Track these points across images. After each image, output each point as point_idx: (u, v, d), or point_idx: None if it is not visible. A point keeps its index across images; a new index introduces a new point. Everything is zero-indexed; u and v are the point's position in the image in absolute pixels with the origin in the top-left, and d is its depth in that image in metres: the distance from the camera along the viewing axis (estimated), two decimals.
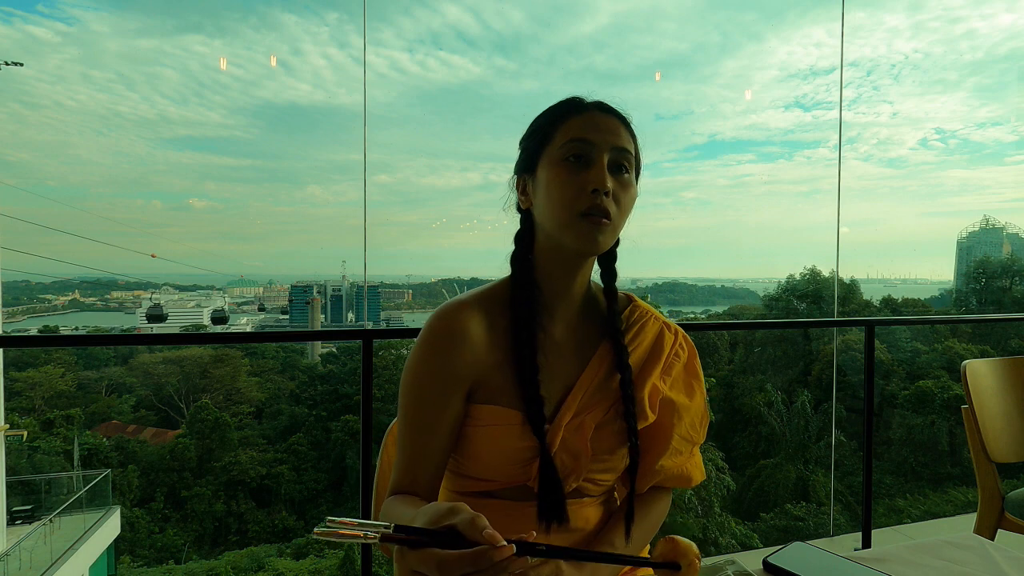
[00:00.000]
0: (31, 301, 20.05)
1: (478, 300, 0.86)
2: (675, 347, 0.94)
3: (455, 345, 0.81)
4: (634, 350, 0.90)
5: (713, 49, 34.54)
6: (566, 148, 0.81)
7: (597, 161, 0.80)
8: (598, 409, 0.85)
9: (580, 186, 0.80)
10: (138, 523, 12.41)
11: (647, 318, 0.94)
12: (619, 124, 0.85)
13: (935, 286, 23.28)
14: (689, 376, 0.96)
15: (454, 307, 0.84)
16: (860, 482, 2.54)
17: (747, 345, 15.80)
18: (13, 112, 27.98)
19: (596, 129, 0.82)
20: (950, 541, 0.87)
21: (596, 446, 0.83)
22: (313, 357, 17.74)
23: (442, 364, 0.81)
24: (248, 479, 13.81)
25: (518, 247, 0.89)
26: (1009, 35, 25.31)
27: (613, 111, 0.86)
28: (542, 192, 0.83)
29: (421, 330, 0.85)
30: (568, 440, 0.82)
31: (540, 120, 0.88)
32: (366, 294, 22.93)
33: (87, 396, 15.09)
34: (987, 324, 14.66)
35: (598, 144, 0.81)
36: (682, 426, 0.92)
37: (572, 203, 0.80)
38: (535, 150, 0.86)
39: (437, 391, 0.80)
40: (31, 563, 8.52)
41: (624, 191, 0.83)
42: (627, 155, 0.83)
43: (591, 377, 0.86)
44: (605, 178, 0.79)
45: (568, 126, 0.83)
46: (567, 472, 0.82)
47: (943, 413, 13.50)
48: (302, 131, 35.19)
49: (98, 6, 28.50)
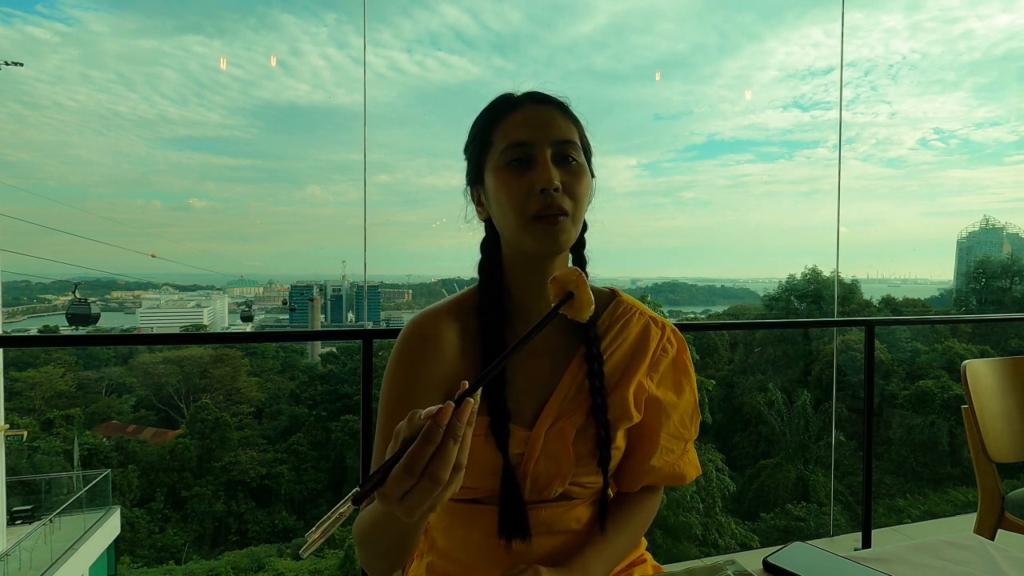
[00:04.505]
0: (31, 301, 20.04)
1: (450, 307, 0.85)
2: (662, 342, 0.91)
3: (427, 353, 0.80)
4: (617, 348, 0.88)
5: (712, 49, 34.62)
6: (506, 154, 0.79)
7: (539, 159, 0.78)
8: (578, 414, 0.82)
9: (527, 188, 0.77)
10: (138, 523, 12.41)
11: (631, 313, 0.91)
12: (555, 113, 0.81)
13: (935, 286, 23.32)
14: (678, 372, 0.92)
15: (427, 315, 0.84)
16: (860, 482, 2.54)
17: (747, 345, 15.80)
18: (13, 112, 28.02)
19: (531, 125, 0.79)
20: (950, 541, 0.87)
21: (578, 450, 0.81)
22: (313, 357, 17.74)
23: (414, 372, 0.80)
24: (248, 479, 13.81)
25: (484, 255, 0.88)
26: (1007, 35, 25.36)
27: (547, 99, 0.83)
28: (493, 201, 0.82)
29: (396, 341, 0.84)
30: (550, 446, 0.80)
31: (476, 126, 0.85)
32: (366, 294, 22.93)
33: (87, 396, 15.08)
34: (987, 324, 14.66)
35: (536, 142, 0.78)
36: (670, 424, 0.90)
37: (522, 207, 0.78)
38: (478, 159, 0.84)
39: (409, 399, 0.78)
40: (31, 563, 8.52)
41: (576, 180, 0.79)
42: (570, 145, 0.80)
43: (570, 382, 0.83)
44: (551, 175, 0.77)
45: (504, 128, 0.80)
46: (551, 478, 0.81)
47: (943, 413, 13.50)
48: (302, 131, 35.28)
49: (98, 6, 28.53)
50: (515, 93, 0.85)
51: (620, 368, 0.87)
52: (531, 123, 0.79)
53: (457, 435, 0.50)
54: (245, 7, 30.87)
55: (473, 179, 0.87)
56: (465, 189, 0.90)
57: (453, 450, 0.50)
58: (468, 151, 0.87)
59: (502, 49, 38.71)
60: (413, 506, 0.51)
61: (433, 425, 0.49)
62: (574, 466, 0.81)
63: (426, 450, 0.49)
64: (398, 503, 0.51)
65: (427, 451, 0.49)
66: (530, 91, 0.84)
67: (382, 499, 0.51)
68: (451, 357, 0.81)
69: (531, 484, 0.80)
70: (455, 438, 0.50)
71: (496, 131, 0.81)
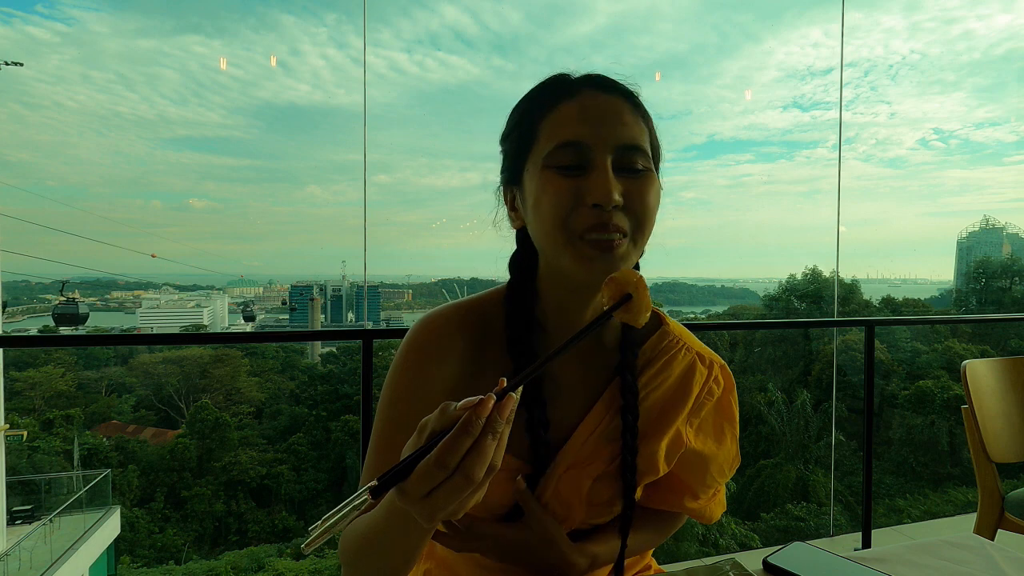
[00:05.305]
0: (31, 301, 20.03)
1: (464, 313, 0.73)
2: (708, 384, 0.78)
3: (434, 359, 0.70)
4: (655, 388, 0.75)
5: (711, 49, 34.60)
6: (555, 155, 0.64)
7: (597, 165, 0.63)
8: (600, 460, 0.72)
9: (577, 197, 0.63)
10: (138, 523, 12.41)
11: (677, 348, 0.77)
12: (622, 105, 0.66)
13: (935, 286, 23.32)
14: (721, 417, 0.81)
15: (436, 318, 0.73)
16: (860, 482, 2.54)
17: (747, 345, 15.79)
18: (13, 112, 28.01)
19: (590, 120, 0.64)
20: (950, 541, 0.87)
21: (594, 497, 0.72)
22: (313, 357, 17.73)
23: (420, 379, 0.70)
24: (248, 479, 13.80)
25: (515, 273, 0.74)
26: (1006, 35, 25.37)
27: (611, 85, 0.68)
28: (531, 208, 0.66)
29: (402, 341, 0.73)
30: (562, 492, 0.71)
31: (519, 112, 0.70)
32: (366, 294, 22.93)
33: (87, 396, 15.08)
34: (987, 324, 14.64)
35: (595, 144, 0.63)
36: (707, 476, 0.80)
37: (567, 220, 0.63)
38: (517, 154, 0.69)
39: (413, 409, 0.68)
40: (31, 563, 8.51)
41: (642, 193, 0.64)
42: (637, 152, 0.65)
43: (595, 422, 0.72)
44: (610, 187, 0.62)
45: (554, 121, 0.65)
46: (558, 520, 0.72)
47: (943, 413, 13.50)
48: (301, 131, 35.26)
49: (97, 6, 28.52)
50: (572, 74, 0.69)
51: (655, 412, 0.75)
52: (590, 117, 0.64)
53: (496, 430, 0.46)
54: (245, 7, 30.88)
55: (509, 178, 0.71)
56: (497, 188, 0.75)
57: (491, 447, 0.46)
58: (505, 143, 0.72)
59: (502, 49, 38.72)
60: (437, 506, 0.46)
61: (472, 416, 0.45)
62: (585, 515, 0.73)
63: (463, 443, 0.45)
64: (420, 501, 0.46)
65: (463, 444, 0.45)
66: (590, 73, 0.69)
67: (402, 496, 0.47)
68: (461, 366, 0.71)
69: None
70: (494, 434, 0.46)
71: (544, 122, 0.66)
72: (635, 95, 0.69)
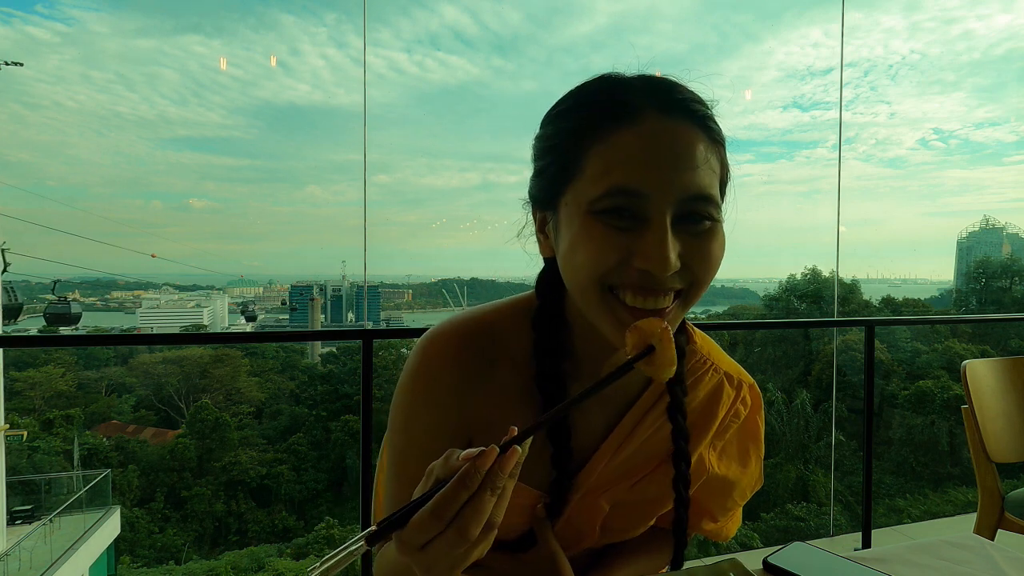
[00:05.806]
0: (31, 301, 20.04)
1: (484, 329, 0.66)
2: (735, 406, 0.73)
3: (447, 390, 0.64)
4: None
5: (711, 49, 34.60)
6: (601, 202, 0.52)
7: (655, 222, 0.51)
8: (619, 487, 0.68)
9: (623, 257, 0.52)
10: (138, 523, 12.42)
11: (705, 368, 0.73)
12: (695, 136, 0.53)
13: (935, 286, 23.33)
14: (745, 439, 0.77)
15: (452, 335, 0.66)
16: (860, 482, 2.53)
17: (747, 345, 15.79)
18: (13, 112, 28.02)
19: (653, 163, 0.51)
20: (950, 541, 0.87)
21: (610, 523, 0.69)
22: (313, 357, 17.74)
23: (431, 411, 0.65)
24: (248, 479, 13.81)
25: (542, 300, 0.66)
26: (1006, 35, 25.38)
27: (684, 107, 0.54)
28: (565, 246, 0.56)
29: (408, 359, 0.67)
30: (574, 519, 0.68)
31: (561, 129, 0.57)
32: (366, 294, 22.93)
33: (87, 396, 15.09)
34: (987, 324, 14.65)
35: (656, 194, 0.51)
36: (728, 500, 0.77)
37: (605, 275, 0.53)
38: (555, 180, 0.57)
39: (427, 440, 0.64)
40: (31, 563, 8.52)
41: (703, 250, 0.54)
42: (706, 202, 0.53)
43: (616, 444, 0.68)
44: (667, 252, 0.51)
45: (606, 155, 0.52)
46: (565, 547, 0.69)
47: (943, 413, 13.51)
48: (301, 131, 35.28)
49: (97, 6, 28.53)
50: (628, 77, 0.56)
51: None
52: (652, 159, 0.51)
53: (496, 486, 0.43)
54: (244, 7, 30.89)
55: (543, 201, 0.60)
56: (526, 202, 0.65)
57: (489, 503, 0.43)
58: (541, 159, 0.60)
59: (501, 49, 38.73)
60: (433, 559, 0.44)
61: (471, 469, 0.42)
62: (599, 540, 0.70)
63: (459, 496, 0.42)
64: (417, 552, 0.44)
65: (460, 497, 0.42)
66: (652, 79, 0.56)
67: (399, 545, 0.44)
68: (471, 388, 0.64)
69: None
70: (493, 489, 0.43)
71: (592, 153, 0.53)
72: (711, 117, 0.56)
